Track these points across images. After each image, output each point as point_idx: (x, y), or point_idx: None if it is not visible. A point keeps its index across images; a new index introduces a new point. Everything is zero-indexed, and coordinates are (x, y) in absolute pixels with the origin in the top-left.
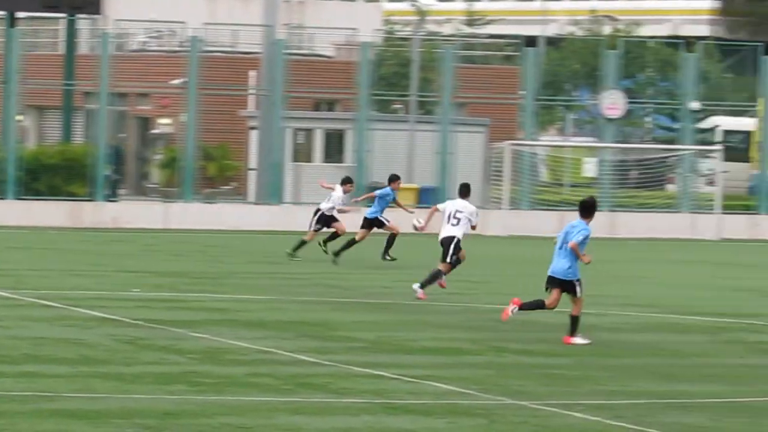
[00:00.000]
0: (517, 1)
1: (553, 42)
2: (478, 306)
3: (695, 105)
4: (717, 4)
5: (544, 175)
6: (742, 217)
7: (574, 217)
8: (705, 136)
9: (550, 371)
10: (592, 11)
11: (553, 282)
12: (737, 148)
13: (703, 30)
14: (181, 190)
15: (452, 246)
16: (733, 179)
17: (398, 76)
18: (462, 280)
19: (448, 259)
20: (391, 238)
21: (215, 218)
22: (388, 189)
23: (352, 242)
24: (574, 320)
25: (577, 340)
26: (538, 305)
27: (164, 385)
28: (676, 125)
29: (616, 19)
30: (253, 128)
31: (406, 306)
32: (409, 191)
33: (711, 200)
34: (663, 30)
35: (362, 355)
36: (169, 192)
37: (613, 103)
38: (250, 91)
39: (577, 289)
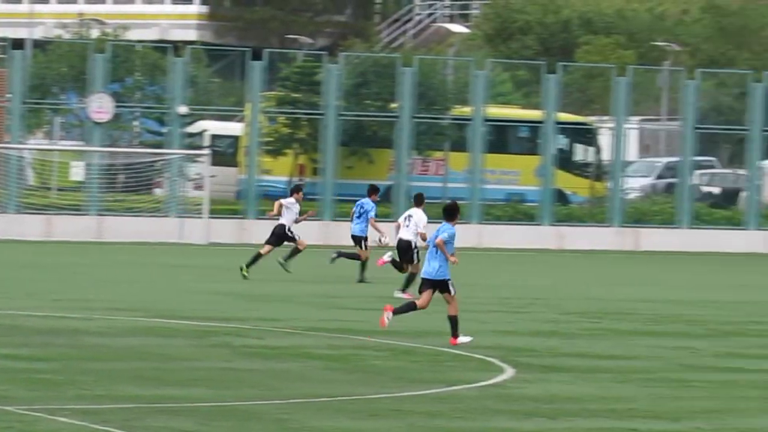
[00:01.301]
0: (4, 3)
1: (40, 45)
2: None
3: (183, 109)
4: (205, 9)
5: (32, 178)
6: (229, 221)
7: (61, 221)
8: (193, 141)
9: (35, 375)
10: (80, 14)
11: (426, 283)
12: (225, 152)
13: (192, 34)
14: None
15: (412, 250)
16: (221, 183)
17: None
18: None
19: (415, 261)
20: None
21: None
22: (369, 201)
23: (356, 256)
24: (453, 320)
25: (463, 339)
26: (411, 307)
27: None
28: (164, 129)
29: (104, 23)
30: None
31: None
32: None
33: (199, 204)
34: (151, 34)
35: None
36: None
37: (100, 106)
38: None
39: (450, 287)
